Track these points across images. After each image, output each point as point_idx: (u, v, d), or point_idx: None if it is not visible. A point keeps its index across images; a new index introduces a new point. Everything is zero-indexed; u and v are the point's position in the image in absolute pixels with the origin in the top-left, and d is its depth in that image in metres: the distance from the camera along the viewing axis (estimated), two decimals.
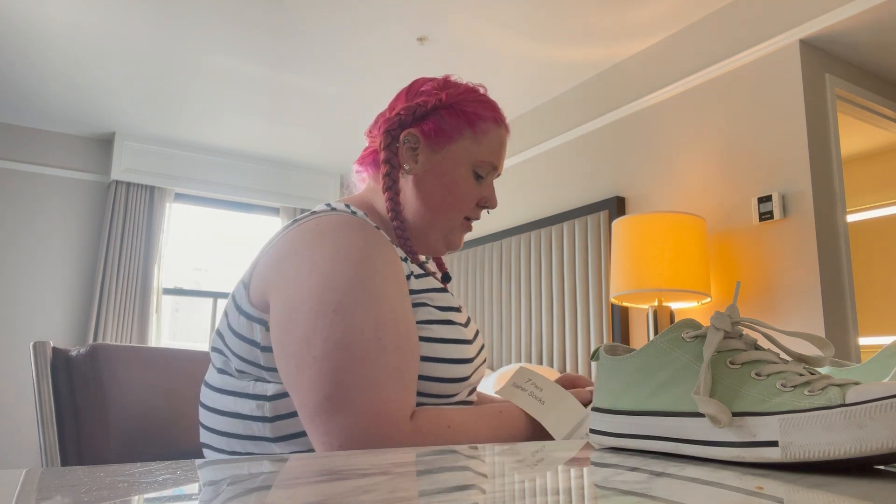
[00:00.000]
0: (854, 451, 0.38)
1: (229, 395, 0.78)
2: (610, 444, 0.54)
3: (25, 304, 4.22)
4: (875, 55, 2.68)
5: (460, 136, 0.88)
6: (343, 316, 0.70)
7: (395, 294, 0.75)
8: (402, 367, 0.72)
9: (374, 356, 0.70)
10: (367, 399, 0.68)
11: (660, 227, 2.50)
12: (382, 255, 0.77)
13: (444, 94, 0.89)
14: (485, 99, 0.91)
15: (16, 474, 0.37)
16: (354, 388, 0.68)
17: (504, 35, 3.14)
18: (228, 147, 4.76)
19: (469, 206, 0.90)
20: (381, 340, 0.71)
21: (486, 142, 0.89)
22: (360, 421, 0.67)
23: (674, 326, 0.51)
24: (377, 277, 0.74)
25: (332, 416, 0.68)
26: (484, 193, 0.92)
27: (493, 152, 0.90)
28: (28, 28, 3.13)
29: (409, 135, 0.88)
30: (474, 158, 0.89)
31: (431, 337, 0.79)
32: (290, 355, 0.71)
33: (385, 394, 0.69)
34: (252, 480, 0.36)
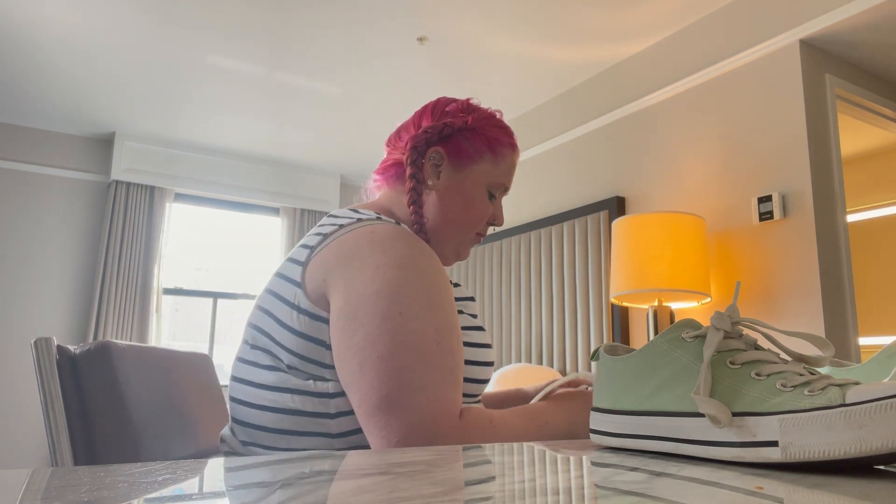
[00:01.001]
0: (854, 451, 0.38)
1: (287, 392, 0.79)
2: (610, 444, 0.55)
3: (25, 304, 4.22)
4: (875, 55, 2.68)
5: (481, 158, 0.95)
6: (408, 319, 0.76)
7: (448, 301, 0.81)
8: (455, 370, 0.77)
9: (434, 358, 0.75)
10: (426, 398, 0.73)
11: (660, 227, 2.50)
12: (435, 264, 0.83)
13: (470, 117, 0.96)
14: (503, 125, 0.99)
15: (19, 474, 0.37)
16: (415, 387, 0.73)
17: (504, 35, 3.14)
18: (228, 147, 4.76)
19: (481, 223, 0.97)
20: (440, 344, 0.76)
21: (503, 165, 0.97)
22: (417, 419, 0.72)
23: (674, 326, 0.51)
24: (435, 285, 0.80)
25: (392, 414, 0.72)
26: (494, 211, 0.99)
27: (506, 174, 0.98)
28: (28, 28, 3.14)
29: (435, 152, 0.95)
30: (491, 180, 0.96)
31: (470, 342, 0.87)
32: (354, 354, 0.75)
33: (441, 393, 0.74)
34: (251, 480, 0.36)
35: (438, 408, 0.73)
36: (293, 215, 5.15)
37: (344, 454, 0.48)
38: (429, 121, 0.97)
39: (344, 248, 0.81)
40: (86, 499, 0.30)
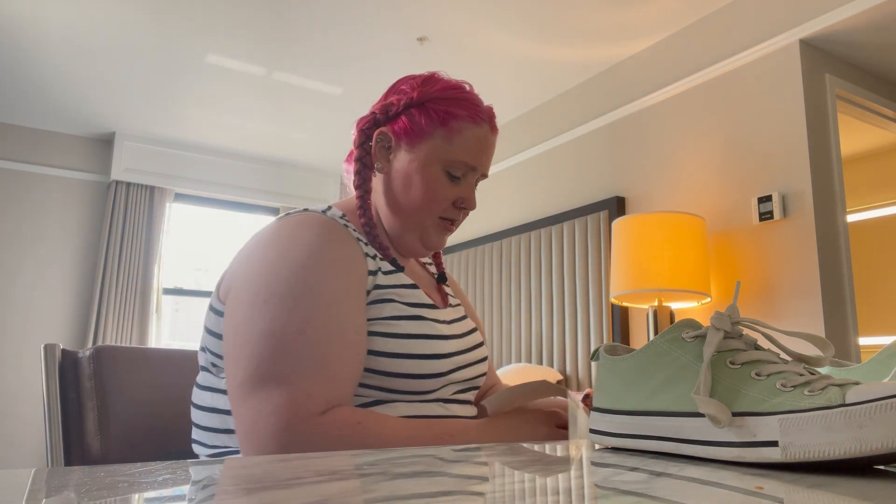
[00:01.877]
0: (854, 451, 0.38)
1: (208, 391, 0.82)
2: (610, 444, 0.54)
3: (25, 304, 4.22)
4: (875, 55, 2.68)
5: (431, 135, 0.86)
6: (271, 307, 0.73)
7: (335, 289, 0.75)
8: (326, 362, 0.71)
9: (294, 348, 0.71)
10: (279, 390, 0.69)
11: (660, 227, 2.50)
12: (335, 251, 0.78)
13: (416, 92, 0.87)
14: (462, 97, 0.88)
15: (24, 474, 0.37)
16: (269, 377, 0.69)
17: (504, 35, 3.14)
18: (228, 147, 4.76)
19: (442, 207, 0.88)
20: (304, 333, 0.71)
21: (460, 141, 0.86)
22: (268, 409, 0.68)
23: (674, 326, 0.51)
24: (318, 271, 0.75)
25: (245, 402, 0.70)
26: (462, 194, 0.89)
27: (467, 151, 0.87)
28: (28, 28, 3.14)
29: (382, 134, 0.89)
30: (446, 158, 0.86)
31: (399, 333, 0.80)
32: (225, 342, 0.75)
33: (298, 386, 0.69)
34: (252, 480, 0.36)
35: (291, 400, 0.68)
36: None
37: (344, 454, 0.48)
38: (382, 101, 0.92)
39: (251, 243, 0.81)
40: (86, 499, 0.30)
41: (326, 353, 0.72)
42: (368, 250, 0.85)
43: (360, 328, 0.77)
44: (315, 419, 0.69)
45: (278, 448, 0.67)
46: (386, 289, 0.83)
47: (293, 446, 0.67)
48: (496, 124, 0.93)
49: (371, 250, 0.85)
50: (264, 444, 0.68)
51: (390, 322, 0.80)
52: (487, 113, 0.90)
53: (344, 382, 0.73)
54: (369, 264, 0.83)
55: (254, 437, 0.68)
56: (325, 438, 0.68)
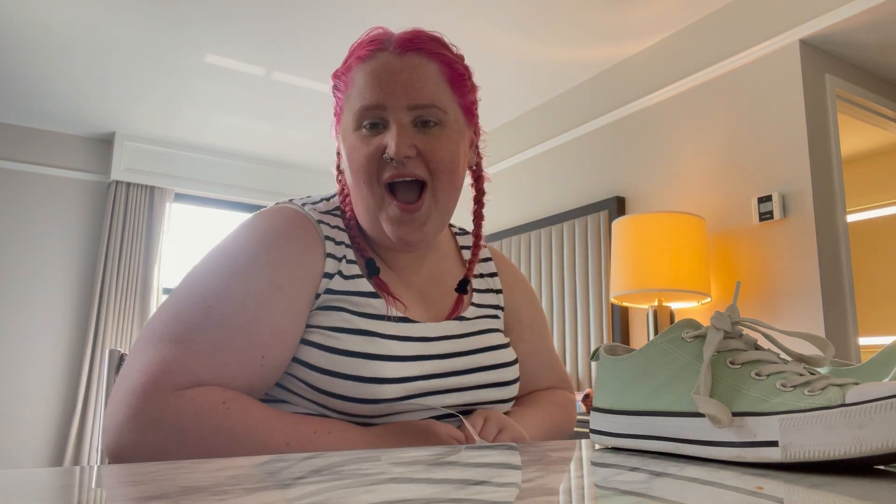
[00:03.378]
0: (854, 451, 0.38)
1: None
2: (610, 444, 0.54)
3: (25, 304, 4.22)
4: (875, 55, 2.68)
5: (344, 105, 0.79)
6: (188, 280, 0.70)
7: (266, 280, 0.70)
8: (218, 347, 0.65)
9: (195, 320, 0.66)
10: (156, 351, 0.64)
11: (660, 227, 2.50)
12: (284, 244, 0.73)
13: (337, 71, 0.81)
14: (357, 43, 0.77)
15: (17, 475, 0.37)
16: (152, 341, 0.66)
17: (504, 35, 3.14)
18: (228, 147, 4.76)
19: (365, 167, 0.74)
20: (207, 310, 0.66)
21: (355, 90, 0.75)
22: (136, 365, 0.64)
23: (674, 326, 0.51)
24: (256, 260, 0.70)
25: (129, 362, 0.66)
26: (383, 142, 0.74)
27: (362, 93, 0.74)
28: (28, 28, 3.14)
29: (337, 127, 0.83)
30: (350, 115, 0.76)
31: (335, 347, 0.71)
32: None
33: (175, 356, 0.64)
34: (252, 480, 0.36)
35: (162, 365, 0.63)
36: None
37: (343, 454, 0.48)
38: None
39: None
40: (85, 498, 0.30)
41: (223, 340, 0.66)
42: (336, 251, 0.77)
43: (281, 330, 0.69)
44: (174, 392, 0.62)
45: (128, 410, 0.61)
46: (337, 295, 0.75)
47: (142, 414, 0.61)
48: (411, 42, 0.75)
49: (340, 251, 0.78)
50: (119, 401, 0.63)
51: (330, 334, 0.72)
52: (382, 38, 0.76)
53: (229, 376, 0.66)
54: (328, 266, 0.76)
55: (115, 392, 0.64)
56: (178, 413, 0.61)
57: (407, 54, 0.74)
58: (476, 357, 0.81)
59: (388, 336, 0.74)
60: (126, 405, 0.62)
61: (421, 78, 0.74)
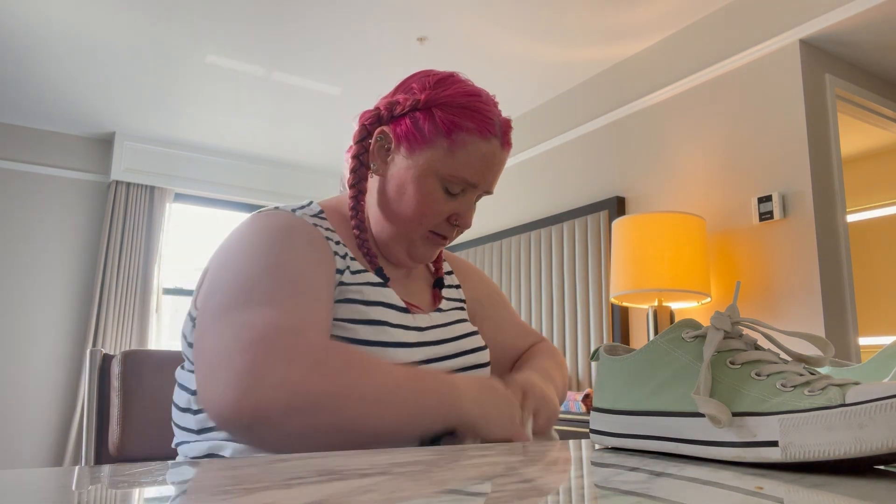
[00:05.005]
0: (854, 451, 0.38)
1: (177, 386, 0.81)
2: (610, 444, 0.54)
3: (25, 304, 4.22)
4: (875, 55, 2.68)
5: (433, 145, 0.80)
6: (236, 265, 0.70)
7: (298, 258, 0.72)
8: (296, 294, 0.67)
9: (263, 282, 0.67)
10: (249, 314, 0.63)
11: (660, 227, 2.50)
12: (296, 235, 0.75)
13: (424, 94, 0.81)
14: (475, 107, 0.80)
15: (18, 475, 0.37)
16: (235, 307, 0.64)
17: (504, 35, 3.14)
18: (228, 147, 4.76)
19: (433, 221, 0.82)
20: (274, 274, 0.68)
21: (463, 155, 0.80)
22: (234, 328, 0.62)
23: (674, 326, 0.51)
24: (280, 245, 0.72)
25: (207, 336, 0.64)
26: (458, 210, 0.83)
27: (469, 168, 0.80)
28: (28, 28, 3.14)
29: (382, 133, 0.83)
30: (445, 171, 0.80)
31: (353, 338, 0.74)
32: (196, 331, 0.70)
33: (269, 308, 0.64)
34: (252, 480, 0.36)
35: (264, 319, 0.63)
36: None
37: (343, 454, 0.48)
38: (391, 96, 0.86)
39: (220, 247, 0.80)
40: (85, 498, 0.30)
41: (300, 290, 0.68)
42: (338, 249, 0.80)
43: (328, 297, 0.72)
44: (297, 334, 0.62)
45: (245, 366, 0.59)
46: (349, 286, 0.77)
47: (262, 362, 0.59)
48: (510, 139, 0.86)
49: (341, 249, 0.81)
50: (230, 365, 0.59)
51: (346, 325, 0.75)
52: (501, 127, 0.82)
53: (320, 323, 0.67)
54: (337, 262, 0.79)
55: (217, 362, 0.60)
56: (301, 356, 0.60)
57: (504, 149, 0.84)
58: (459, 343, 0.87)
59: (395, 325, 0.79)
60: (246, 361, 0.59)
61: (499, 173, 0.86)
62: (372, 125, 0.84)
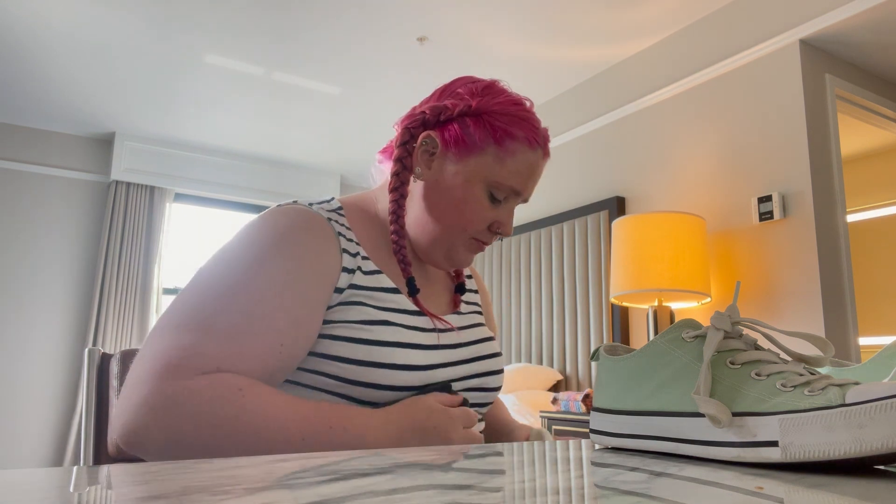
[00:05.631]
0: (854, 451, 0.38)
1: None
2: (610, 444, 0.54)
3: (25, 304, 4.22)
4: (875, 55, 2.68)
5: (482, 151, 0.80)
6: (204, 273, 0.71)
7: (287, 271, 0.71)
8: (240, 334, 0.66)
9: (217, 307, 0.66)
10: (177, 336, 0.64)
11: (660, 227, 2.50)
12: (301, 239, 0.74)
13: (475, 101, 0.81)
14: (523, 115, 0.82)
15: (18, 475, 0.37)
16: (170, 328, 0.66)
17: (504, 35, 3.14)
18: (228, 147, 4.76)
19: (477, 228, 0.83)
20: (226, 298, 0.67)
21: (512, 163, 0.81)
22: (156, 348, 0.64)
23: (674, 326, 0.51)
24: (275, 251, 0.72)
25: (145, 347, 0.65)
26: (499, 218, 0.84)
27: (517, 176, 0.82)
28: (28, 28, 3.14)
29: (428, 137, 0.82)
30: (493, 178, 0.81)
31: (369, 339, 0.74)
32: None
33: (198, 341, 0.64)
34: (252, 480, 0.36)
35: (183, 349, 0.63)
36: None
37: (343, 454, 0.48)
38: (435, 100, 0.85)
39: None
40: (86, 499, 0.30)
41: (245, 327, 0.66)
42: (349, 247, 0.79)
43: (300, 320, 0.71)
44: (192, 377, 0.62)
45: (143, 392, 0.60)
46: (361, 290, 0.77)
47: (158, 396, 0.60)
48: (549, 149, 0.88)
49: (353, 248, 0.79)
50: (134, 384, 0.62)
51: (361, 327, 0.75)
52: (543, 137, 0.84)
53: (247, 363, 0.66)
54: (346, 261, 0.77)
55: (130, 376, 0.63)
56: (194, 397, 0.61)
57: (545, 159, 0.86)
58: (476, 347, 0.87)
59: (410, 327, 0.78)
60: (142, 387, 0.61)
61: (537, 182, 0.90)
62: (416, 128, 0.83)
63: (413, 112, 0.85)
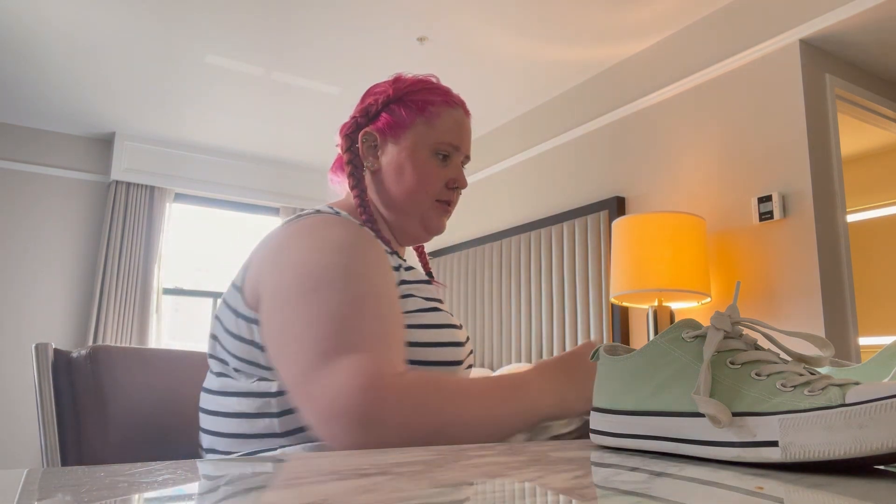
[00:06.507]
0: (854, 451, 0.38)
1: (232, 396, 0.79)
2: (610, 444, 0.54)
3: (25, 304, 4.22)
4: (875, 55, 2.68)
5: (413, 124, 0.93)
6: (321, 293, 0.73)
7: (375, 273, 0.78)
8: (385, 334, 0.72)
9: (356, 323, 0.71)
10: (351, 357, 0.68)
11: (660, 227, 2.50)
12: (365, 244, 0.81)
13: (391, 89, 0.94)
14: (432, 86, 0.95)
15: (17, 474, 0.37)
16: (338, 350, 0.68)
17: (504, 35, 3.14)
18: (228, 147, 4.76)
19: (436, 188, 0.93)
20: (362, 309, 0.72)
21: (440, 124, 0.93)
22: (343, 377, 0.66)
23: (674, 326, 0.51)
24: (356, 260, 0.77)
25: (317, 378, 0.67)
26: (451, 175, 0.95)
27: (449, 132, 0.94)
28: (28, 28, 3.14)
29: (366, 134, 0.94)
30: (432, 141, 0.92)
31: (422, 323, 0.82)
32: (276, 337, 0.73)
33: (372, 351, 0.69)
34: (251, 480, 0.36)
35: (369, 361, 0.67)
36: (293, 215, 5.15)
37: (344, 454, 0.48)
38: (358, 108, 0.97)
39: (274, 244, 0.81)
40: (85, 499, 0.30)
41: (384, 326, 0.73)
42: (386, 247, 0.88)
43: (399, 306, 0.79)
44: (398, 377, 0.67)
45: (363, 411, 0.64)
46: (409, 284, 0.86)
47: (377, 408, 0.64)
48: (468, 109, 1.00)
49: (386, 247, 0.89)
50: (347, 411, 0.64)
51: (420, 314, 0.83)
52: (458, 98, 0.97)
53: (402, 351, 0.74)
54: (392, 260, 0.86)
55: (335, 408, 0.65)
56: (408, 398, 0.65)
57: (467, 116, 0.98)
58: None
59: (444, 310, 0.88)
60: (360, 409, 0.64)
61: (470, 138, 1.00)
62: (353, 132, 0.95)
63: (344, 125, 0.97)
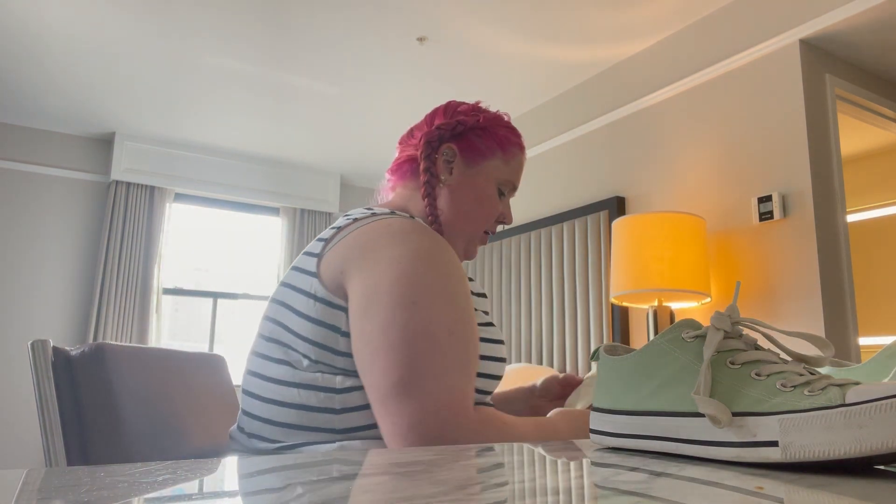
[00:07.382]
0: (854, 451, 0.38)
1: (294, 386, 0.80)
2: (610, 444, 0.54)
3: (25, 304, 4.22)
4: (875, 55, 2.68)
5: (492, 156, 0.98)
6: (422, 309, 0.77)
7: (464, 294, 0.82)
8: (469, 361, 0.78)
9: (447, 348, 0.76)
10: (438, 385, 0.73)
11: (660, 227, 2.50)
12: (451, 257, 0.84)
13: (481, 116, 0.99)
14: (512, 126, 1.03)
15: (17, 474, 0.37)
16: (427, 374, 0.74)
17: (504, 35, 3.14)
18: (228, 147, 4.76)
19: (490, 220, 1.00)
20: (453, 334, 0.77)
21: (514, 164, 1.01)
22: (430, 405, 0.72)
23: (674, 326, 0.51)
24: (451, 277, 0.82)
25: (403, 399, 0.73)
26: (504, 210, 1.02)
27: (515, 173, 1.01)
28: (28, 28, 3.14)
29: (448, 148, 0.97)
30: (501, 177, 0.99)
31: (490, 338, 0.89)
32: (367, 342, 0.76)
33: (454, 382, 0.74)
34: (252, 480, 0.36)
35: (452, 397, 0.73)
36: (293, 215, 5.15)
37: (342, 454, 0.48)
38: (441, 119, 1.00)
39: (360, 240, 0.83)
40: (85, 499, 0.30)
41: (469, 353, 0.78)
42: None
43: (477, 330, 0.84)
44: (472, 415, 0.75)
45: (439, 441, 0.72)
46: (474, 297, 0.92)
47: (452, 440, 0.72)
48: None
49: None
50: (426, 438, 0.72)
51: (482, 328, 0.88)
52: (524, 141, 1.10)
53: (474, 380, 0.79)
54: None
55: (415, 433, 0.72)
56: (477, 435, 0.73)
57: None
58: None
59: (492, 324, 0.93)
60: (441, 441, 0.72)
61: None
62: (435, 142, 0.98)
63: (424, 130, 1.00)
